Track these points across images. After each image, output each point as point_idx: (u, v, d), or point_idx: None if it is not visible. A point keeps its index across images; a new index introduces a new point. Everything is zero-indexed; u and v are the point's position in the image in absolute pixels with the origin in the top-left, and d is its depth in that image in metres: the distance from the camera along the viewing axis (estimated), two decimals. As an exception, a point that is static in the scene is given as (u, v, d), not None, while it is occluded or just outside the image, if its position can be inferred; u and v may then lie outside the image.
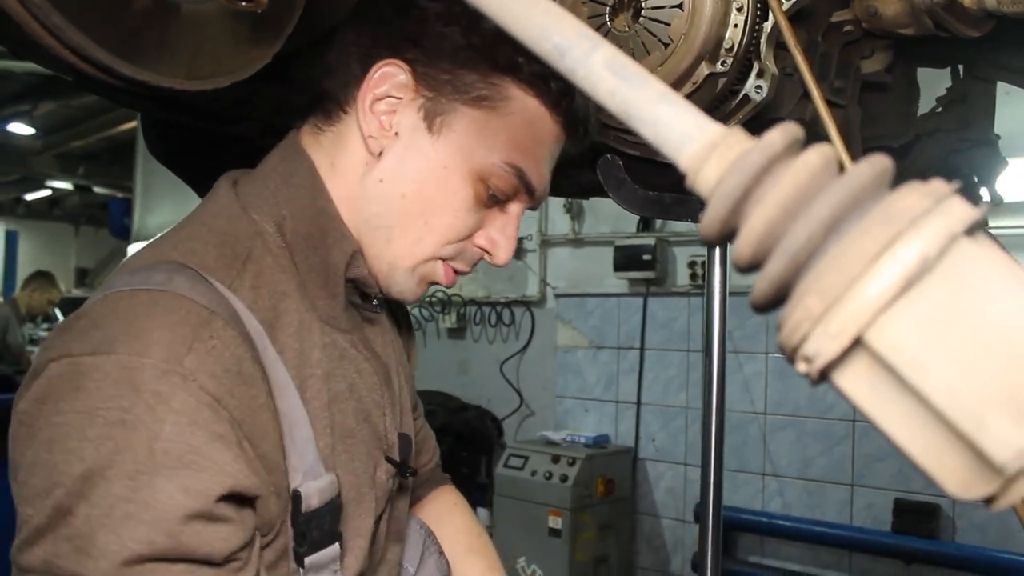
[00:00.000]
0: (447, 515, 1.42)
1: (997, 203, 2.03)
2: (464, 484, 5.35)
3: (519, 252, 5.55)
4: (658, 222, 4.90)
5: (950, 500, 3.80)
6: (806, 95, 1.50)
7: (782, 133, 0.42)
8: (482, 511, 5.07)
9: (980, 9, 1.24)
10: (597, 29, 1.39)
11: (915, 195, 0.39)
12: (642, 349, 4.91)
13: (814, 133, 1.52)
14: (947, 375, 0.38)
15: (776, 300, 0.42)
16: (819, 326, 0.39)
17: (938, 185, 0.40)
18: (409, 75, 1.00)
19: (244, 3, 0.69)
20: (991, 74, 1.87)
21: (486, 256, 1.08)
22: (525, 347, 5.53)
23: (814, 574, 4.16)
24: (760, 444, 4.38)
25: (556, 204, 5.39)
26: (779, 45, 1.36)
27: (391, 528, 1.15)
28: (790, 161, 0.42)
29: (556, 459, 4.52)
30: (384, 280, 1.06)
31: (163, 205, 8.97)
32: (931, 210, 0.38)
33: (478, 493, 5.17)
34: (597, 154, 1.61)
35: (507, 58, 0.99)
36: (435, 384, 5.62)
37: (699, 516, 3.97)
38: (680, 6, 1.29)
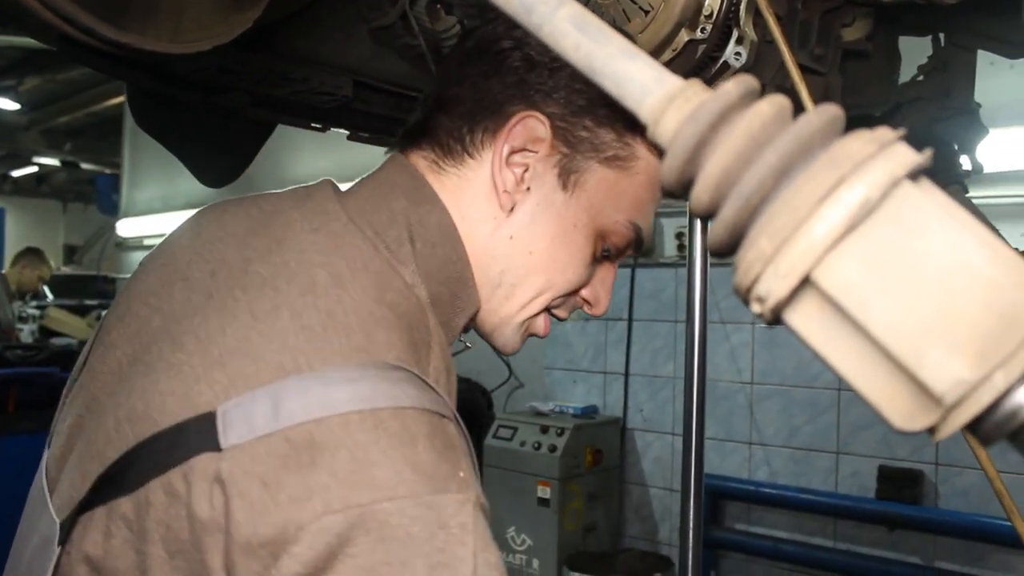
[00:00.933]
0: None
1: (978, 171, 2.05)
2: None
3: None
4: (646, 194, 4.91)
5: (933, 466, 3.86)
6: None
7: (736, 84, 0.44)
8: (472, 482, 5.11)
9: (957, -25, 1.25)
10: (578, -4, 1.40)
11: (860, 141, 0.41)
12: (630, 320, 4.94)
13: (793, 99, 1.53)
14: (889, 311, 0.40)
15: (731, 244, 0.44)
16: (770, 267, 0.41)
17: (883, 132, 0.42)
18: (548, 128, 0.96)
19: (223, -33, 0.70)
20: (972, 43, 1.88)
21: (585, 307, 1.06)
22: (514, 320, 5.55)
23: (800, 540, 4.22)
24: (747, 413, 4.42)
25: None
26: (759, 12, 1.37)
27: None
28: (744, 111, 0.44)
29: (545, 430, 4.56)
30: (489, 332, 1.03)
31: (150, 181, 8.96)
32: (874, 155, 0.40)
33: (468, 465, 5.20)
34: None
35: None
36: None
37: (681, 484, 3.98)
38: (659, -28, 1.29)
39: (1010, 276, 0.39)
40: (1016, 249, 0.43)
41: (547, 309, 1.03)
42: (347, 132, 2.00)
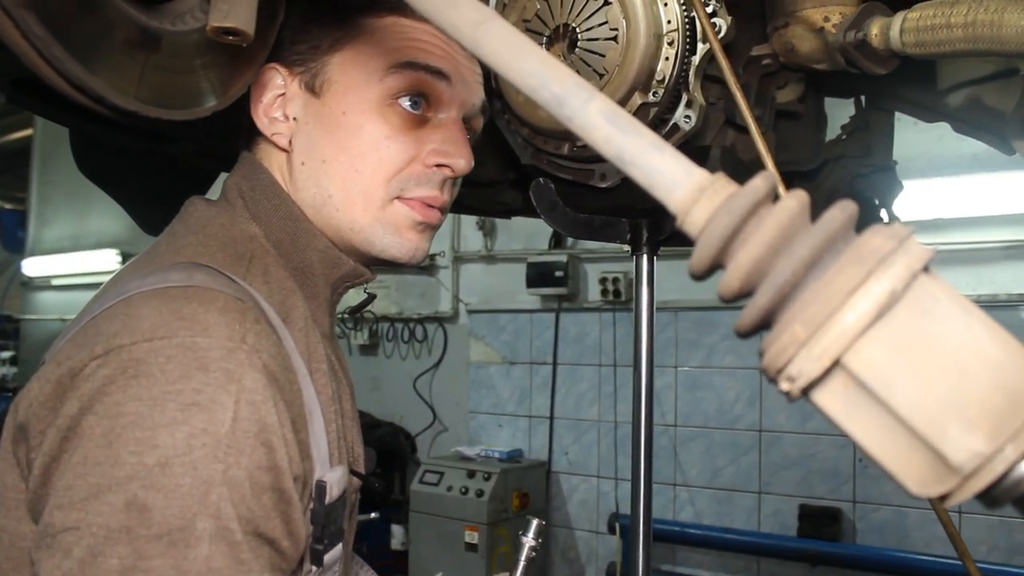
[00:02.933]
0: None
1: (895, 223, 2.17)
2: (378, 502, 5.34)
3: (430, 268, 5.59)
4: (569, 240, 5.01)
5: (851, 504, 3.99)
6: (727, 123, 1.59)
7: (764, 180, 0.48)
8: (397, 528, 5.07)
9: (886, 50, 1.35)
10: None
11: (881, 236, 0.46)
12: (555, 364, 5.00)
13: (733, 159, 1.61)
14: (911, 391, 0.44)
15: (760, 327, 0.48)
16: (803, 350, 0.45)
17: (899, 228, 0.47)
18: (281, 70, 1.04)
19: (231, 38, 0.72)
20: (891, 105, 2.00)
21: (446, 171, 1.07)
22: (438, 363, 5.56)
23: (723, 580, 4.30)
24: (671, 455, 4.51)
25: (469, 221, 5.44)
26: (706, 77, 1.44)
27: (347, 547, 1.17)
28: (770, 205, 0.48)
29: (471, 474, 4.56)
30: (365, 249, 1.06)
31: (60, 218, 8.68)
32: (896, 250, 0.45)
33: (393, 510, 5.16)
34: (528, 178, 1.66)
35: (352, 4, 1.04)
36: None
37: (625, 528, 4.02)
38: (615, 39, 1.36)
39: (1013, 359, 0.44)
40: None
41: (398, 197, 1.05)
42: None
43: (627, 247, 1.73)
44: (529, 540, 1.34)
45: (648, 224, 1.67)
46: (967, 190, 3.76)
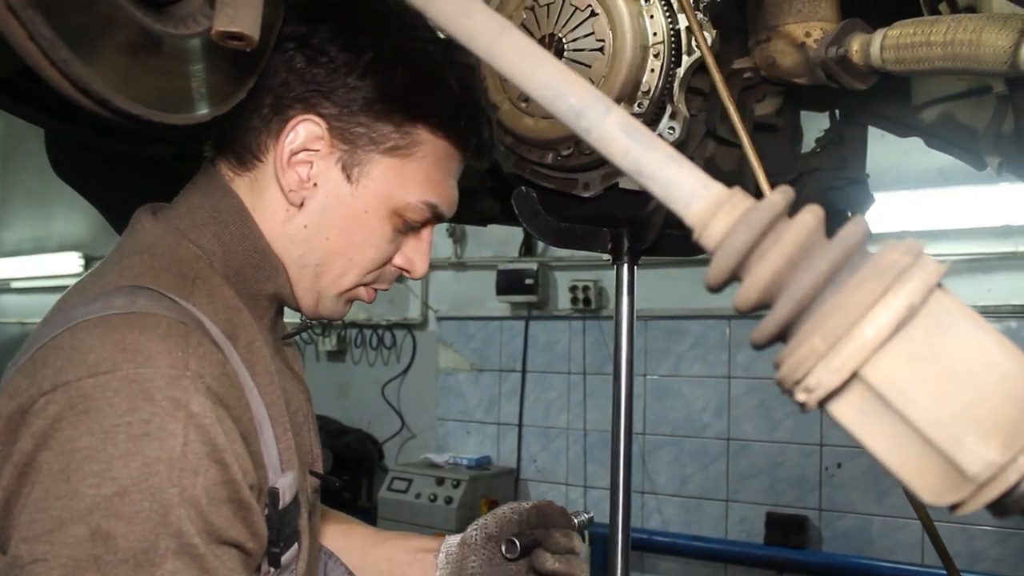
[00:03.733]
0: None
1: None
2: (345, 509, 5.27)
3: (400, 276, 5.57)
4: (540, 246, 5.02)
5: (817, 512, 4.04)
6: (708, 134, 1.61)
7: (783, 195, 0.49)
8: (364, 535, 5.03)
9: (866, 66, 1.37)
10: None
11: (897, 252, 0.47)
12: (524, 371, 5.00)
13: (714, 170, 1.63)
14: (928, 402, 0.45)
15: (777, 339, 0.49)
16: (822, 362, 0.46)
17: (911, 243, 0.48)
18: (325, 130, 1.04)
19: (236, 43, 0.71)
20: (865, 119, 2.04)
21: (404, 273, 1.15)
22: (406, 370, 5.54)
23: (690, 588, 4.33)
24: (640, 463, 4.53)
25: (439, 228, 5.41)
26: (690, 90, 1.46)
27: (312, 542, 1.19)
28: (787, 219, 0.49)
29: (440, 481, 4.55)
30: (312, 307, 1.13)
31: (22, 220, 8.53)
32: (912, 265, 0.46)
33: (360, 518, 5.12)
34: (509, 186, 1.67)
35: (418, 106, 1.06)
36: (314, 408, 5.54)
37: (596, 535, 4.04)
38: (601, 50, 1.37)
39: (1023, 371, 0.45)
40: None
41: (362, 283, 1.12)
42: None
43: (607, 256, 1.74)
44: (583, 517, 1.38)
45: (629, 234, 1.69)
46: (933, 203, 3.83)
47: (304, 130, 1.03)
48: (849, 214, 2.19)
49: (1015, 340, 0.46)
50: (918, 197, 3.82)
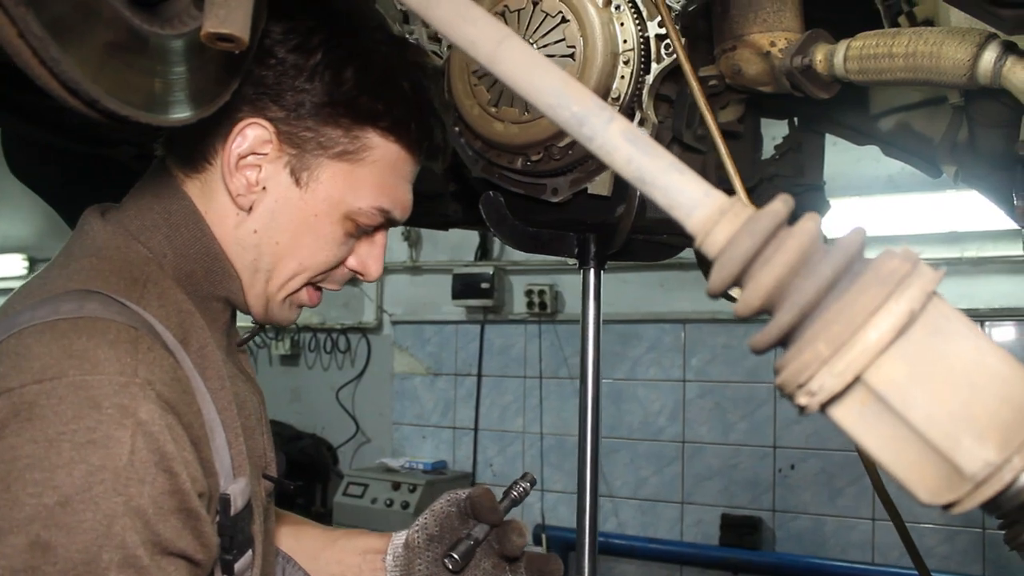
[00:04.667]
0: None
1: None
2: (300, 514, 5.22)
3: (353, 279, 5.53)
4: (496, 250, 5.03)
5: (771, 513, 4.10)
6: (674, 141, 1.63)
7: (784, 203, 0.51)
8: (319, 541, 4.99)
9: (830, 75, 1.40)
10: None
11: (896, 259, 0.48)
12: (479, 376, 5.00)
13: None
14: (927, 404, 0.47)
15: (778, 344, 0.50)
16: (825, 367, 0.47)
17: (908, 251, 0.49)
18: (273, 134, 1.03)
19: (224, 44, 0.71)
20: (823, 127, 2.08)
21: (358, 275, 1.15)
22: (361, 374, 5.51)
23: (646, 590, 4.37)
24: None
25: (394, 232, 5.40)
26: (657, 96, 1.48)
27: (267, 547, 1.19)
28: (788, 227, 0.50)
29: (396, 486, 4.53)
30: (262, 313, 1.12)
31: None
32: (911, 272, 0.47)
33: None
34: (472, 190, 1.68)
35: (368, 109, 1.05)
36: (268, 412, 5.48)
37: (552, 539, 4.04)
38: (572, 56, 1.38)
39: (1017, 375, 0.47)
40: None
41: (312, 284, 1.12)
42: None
43: (572, 260, 1.76)
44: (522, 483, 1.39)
45: (596, 239, 1.70)
46: (883, 210, 3.92)
47: (252, 134, 1.02)
48: (806, 220, 2.23)
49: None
50: (868, 203, 3.91)
